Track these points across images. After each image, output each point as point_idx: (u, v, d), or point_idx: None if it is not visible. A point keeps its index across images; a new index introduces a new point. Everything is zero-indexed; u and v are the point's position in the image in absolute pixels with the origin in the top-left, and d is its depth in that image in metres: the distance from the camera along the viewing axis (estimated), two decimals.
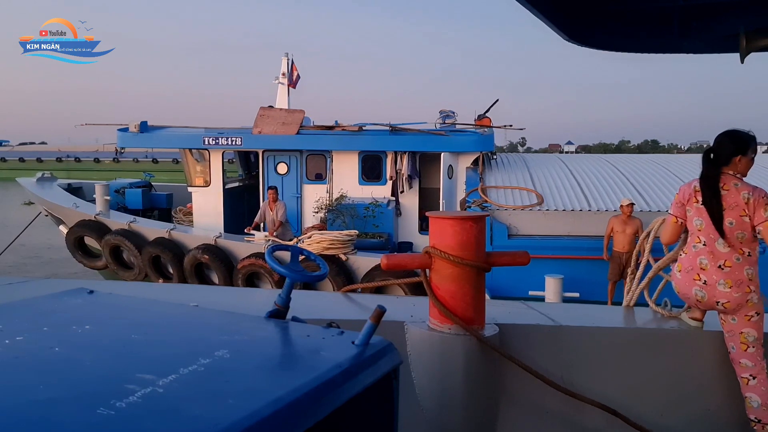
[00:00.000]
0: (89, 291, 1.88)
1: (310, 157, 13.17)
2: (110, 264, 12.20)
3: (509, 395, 2.96)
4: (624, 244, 9.14)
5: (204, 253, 11.11)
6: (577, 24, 2.89)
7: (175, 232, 11.82)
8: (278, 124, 12.90)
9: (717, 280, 2.95)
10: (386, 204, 12.36)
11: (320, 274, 2.02)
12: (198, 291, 4.77)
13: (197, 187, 13.62)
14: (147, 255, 11.57)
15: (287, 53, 15.42)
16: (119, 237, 11.86)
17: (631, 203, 9.32)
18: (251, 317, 1.78)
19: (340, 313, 3.18)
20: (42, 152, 50.87)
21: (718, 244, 2.96)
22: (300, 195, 13.20)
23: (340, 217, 11.89)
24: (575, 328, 3.10)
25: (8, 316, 1.61)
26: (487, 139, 12.70)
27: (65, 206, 13.20)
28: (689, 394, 3.09)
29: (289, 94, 15.29)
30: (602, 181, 11.62)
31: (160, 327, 1.64)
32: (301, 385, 1.21)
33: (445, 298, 2.85)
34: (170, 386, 1.16)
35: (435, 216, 2.97)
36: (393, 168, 12.66)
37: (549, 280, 8.40)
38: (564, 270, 8.61)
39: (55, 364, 1.30)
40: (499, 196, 11.09)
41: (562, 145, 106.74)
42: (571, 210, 10.18)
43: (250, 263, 10.69)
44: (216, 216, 13.21)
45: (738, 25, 2.84)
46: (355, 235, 10.77)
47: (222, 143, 13.00)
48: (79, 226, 12.51)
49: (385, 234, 11.86)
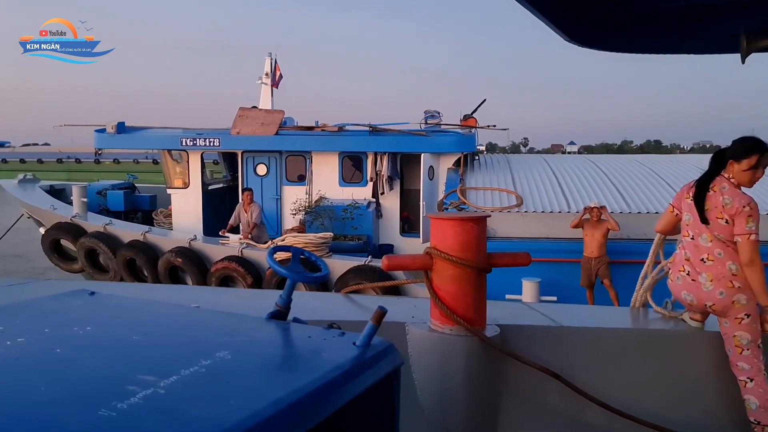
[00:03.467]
0: (90, 292, 1.88)
1: (290, 158, 12.98)
2: (86, 267, 11.98)
3: (510, 396, 2.96)
4: (593, 248, 8.95)
5: (177, 256, 10.89)
6: (578, 24, 2.89)
7: (150, 234, 11.58)
8: (257, 125, 12.73)
9: (699, 273, 3.00)
10: (366, 206, 12.15)
11: (321, 275, 2.02)
12: (199, 292, 4.77)
13: (176, 188, 13.44)
14: (122, 258, 11.35)
15: (270, 53, 15.25)
16: (94, 240, 11.62)
17: (595, 207, 9.12)
18: (252, 318, 1.78)
19: (341, 314, 3.18)
20: (43, 153, 50.85)
21: (702, 238, 3.01)
22: (279, 196, 13.01)
23: (318, 219, 11.68)
24: (576, 328, 3.10)
25: (10, 318, 1.61)
26: (469, 139, 12.53)
27: (43, 208, 12.98)
28: (690, 395, 3.09)
29: (272, 94, 15.09)
30: (584, 182, 11.40)
31: (161, 328, 1.64)
32: (302, 386, 1.21)
33: (446, 299, 2.85)
34: (171, 387, 1.16)
35: (436, 217, 2.98)
36: (373, 169, 12.46)
37: (526, 284, 8.25)
38: (541, 273, 8.41)
39: (56, 365, 1.30)
40: (478, 198, 10.88)
41: (565, 145, 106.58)
42: (550, 212, 10.02)
43: (223, 266, 10.47)
44: (195, 218, 13.02)
45: (738, 26, 2.83)
46: (329, 237, 10.57)
47: (200, 144, 12.80)
48: (54, 229, 12.26)
49: (364, 236, 11.62)
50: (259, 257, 10.48)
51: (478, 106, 14.09)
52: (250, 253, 10.55)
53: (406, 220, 12.95)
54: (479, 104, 14.15)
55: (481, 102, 14.23)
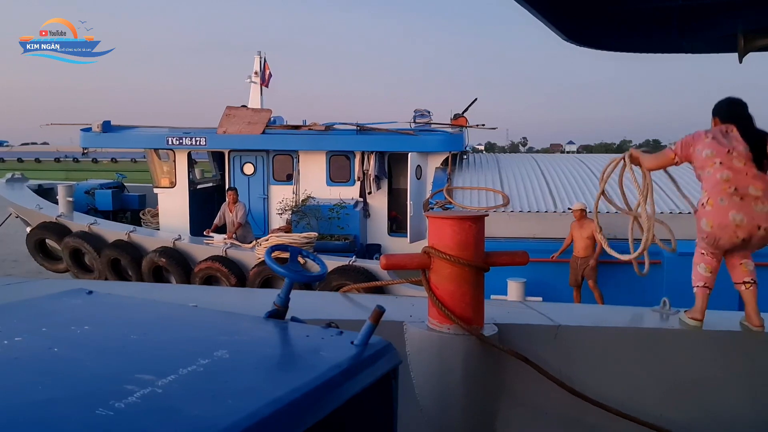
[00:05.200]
0: (88, 291, 1.88)
1: (277, 158, 12.90)
2: (70, 267, 11.87)
3: (508, 395, 2.96)
4: (579, 249, 8.94)
5: (161, 256, 10.79)
6: (576, 24, 2.89)
7: (134, 234, 11.47)
8: (244, 124, 12.66)
9: (748, 187, 2.97)
10: (353, 205, 12.07)
11: (319, 274, 2.02)
12: (197, 291, 4.77)
13: (163, 188, 13.34)
14: (106, 258, 11.24)
15: (260, 51, 15.17)
16: (78, 239, 11.49)
17: (578, 209, 9.08)
18: (250, 317, 1.78)
19: (339, 313, 3.18)
20: (40, 153, 50.76)
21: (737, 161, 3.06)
22: (267, 196, 12.93)
23: (304, 218, 11.61)
24: (574, 327, 3.11)
25: (7, 317, 1.61)
26: (457, 138, 12.44)
27: (29, 207, 12.90)
28: (689, 394, 3.09)
29: (262, 93, 15.03)
30: (572, 181, 11.32)
31: (160, 327, 1.64)
32: (300, 386, 1.21)
33: (444, 298, 2.85)
34: (169, 387, 1.16)
35: (434, 216, 2.98)
36: (360, 168, 12.41)
37: (511, 284, 8.21)
38: (527, 273, 8.35)
39: (54, 365, 1.30)
40: (464, 197, 10.78)
41: (564, 144, 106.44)
42: (536, 212, 9.95)
43: (207, 266, 10.35)
44: (182, 217, 12.93)
45: (736, 26, 2.84)
46: (314, 237, 10.47)
47: (186, 143, 12.70)
48: (40, 228, 12.14)
49: (350, 236, 11.54)
50: (243, 257, 10.43)
51: (469, 105, 14.03)
52: (234, 253, 10.49)
53: (394, 219, 12.89)
54: (470, 103, 14.11)
55: (472, 101, 14.16)
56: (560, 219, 9.57)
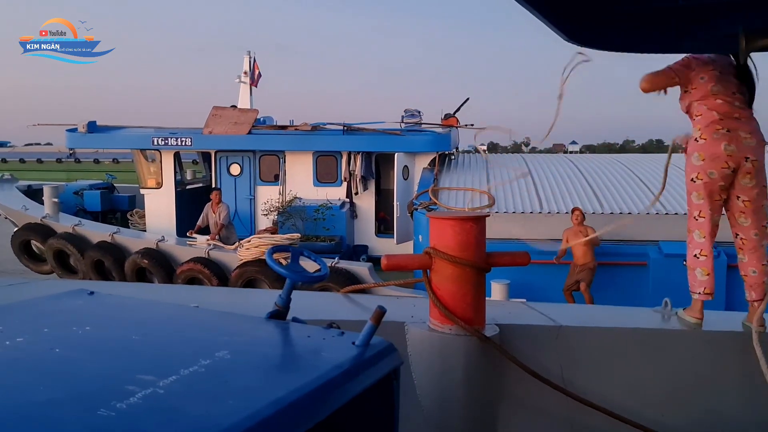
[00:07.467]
0: (89, 292, 1.89)
1: (264, 158, 12.85)
2: (55, 268, 11.82)
3: (510, 396, 2.96)
4: (578, 256, 8.75)
5: (144, 258, 10.71)
6: (577, 24, 2.89)
7: (118, 235, 11.38)
8: (230, 124, 12.63)
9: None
10: (339, 206, 11.98)
11: (320, 275, 2.02)
12: (198, 292, 4.77)
13: (149, 188, 13.30)
14: (89, 259, 11.17)
15: (249, 51, 15.16)
16: (62, 240, 11.41)
17: (578, 213, 8.96)
18: (251, 318, 1.78)
19: (340, 313, 3.18)
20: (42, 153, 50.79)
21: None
22: (253, 197, 12.88)
23: (290, 219, 11.53)
24: (575, 328, 3.10)
25: (9, 317, 1.61)
26: (444, 139, 12.36)
27: (15, 209, 12.86)
28: (689, 394, 3.09)
29: (251, 92, 15.00)
30: (559, 182, 11.23)
31: (161, 328, 1.64)
32: (301, 386, 1.21)
33: (446, 299, 2.85)
34: (171, 387, 1.16)
35: (435, 216, 2.98)
36: (347, 169, 12.35)
37: (495, 286, 8.11)
38: (511, 275, 8.31)
39: (55, 365, 1.30)
40: (450, 198, 10.67)
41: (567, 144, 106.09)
42: (522, 212, 9.85)
43: (189, 268, 10.26)
44: (168, 218, 12.88)
45: (737, 26, 2.83)
46: (297, 238, 10.33)
47: (172, 144, 12.67)
48: (24, 229, 12.09)
49: (336, 237, 11.45)
50: (225, 258, 10.36)
51: (461, 105, 14.01)
52: (216, 254, 10.41)
53: (382, 220, 12.82)
54: (462, 103, 14.07)
55: (464, 101, 14.13)
56: (545, 220, 9.50)
